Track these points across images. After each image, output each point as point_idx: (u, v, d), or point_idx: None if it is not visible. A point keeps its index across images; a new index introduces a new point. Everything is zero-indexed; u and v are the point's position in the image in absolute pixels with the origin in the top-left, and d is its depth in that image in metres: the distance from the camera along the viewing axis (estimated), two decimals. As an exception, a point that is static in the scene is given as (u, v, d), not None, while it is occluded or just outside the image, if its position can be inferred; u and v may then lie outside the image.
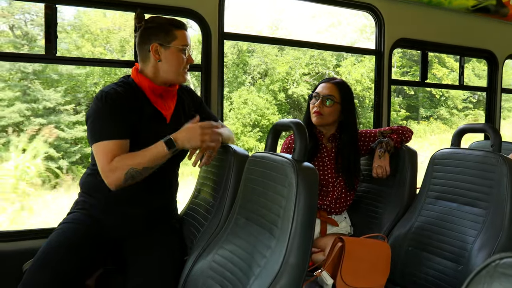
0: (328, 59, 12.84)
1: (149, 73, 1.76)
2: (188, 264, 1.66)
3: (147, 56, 1.75)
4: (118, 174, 1.57)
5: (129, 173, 1.56)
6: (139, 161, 1.57)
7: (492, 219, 1.77)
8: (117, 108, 1.63)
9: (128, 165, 1.56)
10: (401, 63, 13.50)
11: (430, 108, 13.36)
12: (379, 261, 1.76)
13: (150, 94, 1.76)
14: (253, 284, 1.31)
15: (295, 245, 1.28)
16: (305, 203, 1.30)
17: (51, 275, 1.52)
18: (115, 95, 1.66)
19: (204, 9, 2.34)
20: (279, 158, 1.44)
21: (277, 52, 12.68)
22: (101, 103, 1.64)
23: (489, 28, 3.44)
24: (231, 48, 12.21)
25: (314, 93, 2.21)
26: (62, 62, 2.19)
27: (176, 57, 1.75)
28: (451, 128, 12.74)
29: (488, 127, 1.98)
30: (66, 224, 1.72)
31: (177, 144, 1.59)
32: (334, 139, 2.24)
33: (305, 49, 12.26)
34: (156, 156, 1.59)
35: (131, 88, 1.74)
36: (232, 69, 12.28)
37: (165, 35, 1.73)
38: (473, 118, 13.15)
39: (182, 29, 1.77)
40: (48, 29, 2.08)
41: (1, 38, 10.30)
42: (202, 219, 1.85)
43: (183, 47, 1.75)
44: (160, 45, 1.73)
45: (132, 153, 1.60)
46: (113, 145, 1.59)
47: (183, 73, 1.79)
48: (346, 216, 2.28)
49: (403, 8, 3.02)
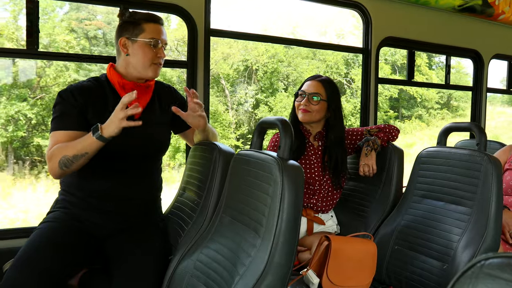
0: (341, 68, 13.37)
1: (121, 68, 1.76)
2: (172, 263, 1.64)
3: (119, 51, 1.76)
4: (54, 161, 1.59)
5: (61, 160, 1.57)
6: (70, 149, 1.57)
7: (477, 218, 1.78)
8: (70, 102, 1.65)
9: (61, 153, 1.57)
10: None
11: (411, 108, 14.04)
12: (366, 260, 1.76)
13: (120, 90, 1.74)
14: (237, 284, 1.29)
15: (280, 244, 1.26)
16: (290, 202, 1.28)
17: (32, 275, 1.48)
18: (74, 89, 1.68)
19: (190, 5, 2.32)
20: (264, 156, 1.42)
21: (305, 61, 13.59)
22: (58, 97, 1.68)
23: (475, 27, 3.47)
24: (271, 58, 13.07)
25: (300, 91, 2.19)
26: (44, 58, 2.14)
27: (142, 50, 1.72)
28: (428, 125, 13.80)
29: (474, 126, 1.99)
30: (47, 223, 1.69)
31: (101, 131, 1.53)
32: (320, 137, 2.23)
33: (322, 59, 13.27)
34: (83, 144, 1.56)
35: (98, 84, 1.75)
36: (267, 76, 13.11)
37: (133, 29, 1.72)
38: (441, 116, 14.17)
39: (152, 22, 1.74)
40: (30, 23, 2.04)
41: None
42: (187, 217, 1.82)
43: (151, 41, 1.72)
44: (127, 39, 1.72)
45: (67, 143, 1.61)
46: (60, 135, 1.63)
47: (152, 68, 1.75)
48: (333, 215, 2.28)
49: (390, 7, 3.03)
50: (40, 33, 2.10)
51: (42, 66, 10.55)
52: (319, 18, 13.97)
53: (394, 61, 14.11)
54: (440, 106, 14.60)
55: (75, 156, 1.56)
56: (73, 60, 8.42)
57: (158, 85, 1.89)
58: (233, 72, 12.71)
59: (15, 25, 10.22)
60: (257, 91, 12.99)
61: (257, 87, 13.01)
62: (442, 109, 14.62)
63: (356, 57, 13.39)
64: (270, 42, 12.92)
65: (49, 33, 10.46)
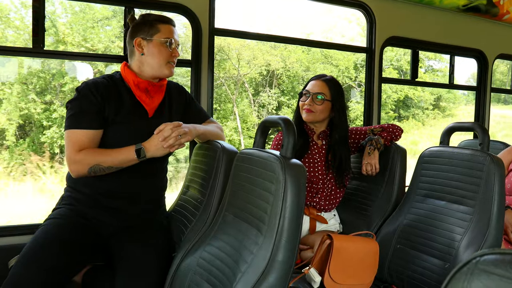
0: (351, 72, 13.75)
1: (135, 67, 1.81)
2: (175, 260, 1.66)
3: (133, 51, 1.80)
4: (84, 166, 1.62)
5: (93, 168, 1.62)
6: (106, 160, 1.63)
7: (479, 217, 1.78)
8: (89, 99, 1.67)
9: (95, 161, 1.62)
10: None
11: (408, 109, 14.78)
12: (368, 259, 1.76)
13: (135, 88, 1.78)
14: (240, 281, 1.30)
15: (282, 242, 1.27)
16: (292, 200, 1.29)
17: (37, 271, 1.49)
18: (92, 86, 1.70)
19: (194, 5, 2.33)
20: (267, 155, 1.43)
21: (321, 66, 13.91)
22: (77, 93, 1.70)
23: (479, 27, 3.46)
24: (295, 63, 13.39)
25: (304, 91, 2.19)
26: (50, 56, 2.16)
27: (158, 49, 1.77)
28: (423, 125, 14.43)
29: (477, 126, 1.99)
30: (52, 220, 1.70)
31: (147, 154, 1.64)
32: (324, 136, 2.23)
33: (336, 64, 13.55)
34: (123, 160, 1.64)
35: (113, 81, 1.78)
36: (290, 80, 13.47)
37: (148, 29, 1.77)
38: (433, 116, 14.77)
39: (166, 23, 1.80)
40: (36, 22, 2.05)
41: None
42: (190, 215, 1.84)
43: (166, 40, 1.78)
44: (142, 39, 1.77)
45: (101, 150, 1.65)
46: (81, 135, 1.64)
47: (167, 66, 1.81)
48: (335, 214, 2.29)
49: (394, 6, 3.03)
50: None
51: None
52: (322, 23, 14.22)
53: (400, 66, 14.43)
54: (432, 107, 15.19)
55: (110, 167, 1.64)
56: (80, 59, 8.46)
57: (169, 84, 1.93)
58: (258, 76, 12.94)
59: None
60: (279, 93, 13.23)
61: (279, 90, 13.25)
62: (434, 109, 15.14)
63: (364, 62, 13.69)
64: (274, 42, 13.09)
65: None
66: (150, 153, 1.64)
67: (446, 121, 14.17)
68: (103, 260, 1.79)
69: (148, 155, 1.64)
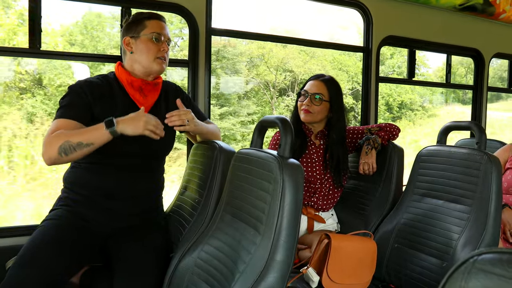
0: (360, 78, 14.04)
1: (127, 66, 1.81)
2: (173, 261, 1.65)
3: (124, 51, 1.81)
4: (53, 145, 1.54)
5: (63, 146, 1.53)
6: (75, 136, 1.55)
7: (476, 216, 1.78)
8: (80, 96, 1.68)
9: (64, 138, 1.54)
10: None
11: (400, 110, 15.22)
12: (365, 258, 1.76)
13: (129, 87, 1.79)
14: (238, 281, 1.30)
15: (280, 242, 1.27)
16: (290, 200, 1.29)
17: (35, 272, 1.48)
18: (84, 84, 1.71)
19: (191, 5, 2.33)
20: (265, 155, 1.43)
21: (334, 71, 14.12)
22: (69, 90, 1.71)
23: (476, 26, 3.47)
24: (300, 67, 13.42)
25: (302, 91, 2.19)
26: (47, 57, 2.15)
27: (145, 46, 1.77)
28: (414, 124, 14.97)
29: (474, 124, 2.00)
30: (50, 221, 1.70)
31: (116, 125, 1.55)
32: (322, 136, 2.23)
33: (345, 69, 13.65)
34: (92, 133, 1.55)
35: (107, 81, 1.79)
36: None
37: (135, 27, 1.78)
38: (419, 116, 15.26)
39: (153, 19, 1.80)
40: (32, 22, 2.04)
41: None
42: (188, 215, 1.84)
43: (152, 34, 1.77)
44: (131, 37, 1.78)
45: (71, 130, 1.59)
46: (62, 123, 1.62)
47: (157, 62, 1.79)
48: (333, 213, 2.29)
49: (391, 6, 3.03)
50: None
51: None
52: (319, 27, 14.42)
53: (401, 72, 14.78)
54: (421, 108, 15.87)
55: (79, 144, 1.54)
56: (76, 59, 8.42)
57: (165, 84, 1.92)
58: (283, 81, 13.12)
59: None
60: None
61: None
62: (419, 110, 15.83)
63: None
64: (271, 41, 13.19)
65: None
66: (121, 124, 1.55)
67: (431, 121, 14.65)
68: (100, 261, 1.78)
69: (119, 126, 1.55)
